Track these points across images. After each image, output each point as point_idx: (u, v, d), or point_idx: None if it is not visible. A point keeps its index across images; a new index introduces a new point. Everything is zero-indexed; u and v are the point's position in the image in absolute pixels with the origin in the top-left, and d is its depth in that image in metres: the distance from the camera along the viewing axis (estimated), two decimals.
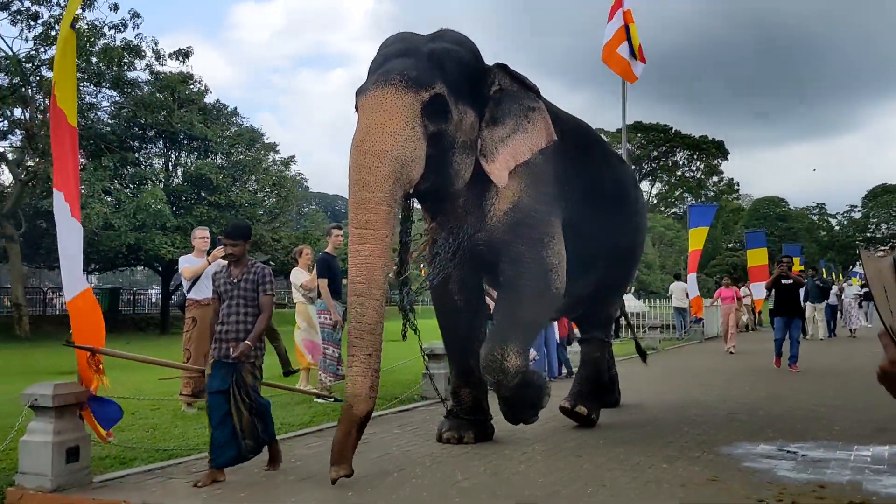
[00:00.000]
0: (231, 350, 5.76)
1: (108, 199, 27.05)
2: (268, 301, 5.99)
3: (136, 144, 32.36)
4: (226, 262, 6.43)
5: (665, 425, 8.16)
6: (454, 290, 6.96)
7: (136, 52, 30.05)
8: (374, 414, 6.08)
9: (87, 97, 29.77)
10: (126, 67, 30.02)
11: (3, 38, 28.86)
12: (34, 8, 28.74)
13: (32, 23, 28.71)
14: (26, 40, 28.57)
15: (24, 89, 27.58)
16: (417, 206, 6.81)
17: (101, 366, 5.99)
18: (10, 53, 28.38)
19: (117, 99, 31.38)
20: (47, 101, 21.37)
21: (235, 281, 5.99)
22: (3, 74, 28.49)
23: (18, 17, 28.74)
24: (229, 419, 5.69)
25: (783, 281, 14.11)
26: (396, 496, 5.37)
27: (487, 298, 8.10)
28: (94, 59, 28.26)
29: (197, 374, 8.72)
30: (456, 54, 5.86)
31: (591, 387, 8.08)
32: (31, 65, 27.72)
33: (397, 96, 5.39)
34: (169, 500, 5.39)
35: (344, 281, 10.43)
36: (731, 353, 18.02)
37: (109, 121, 31.36)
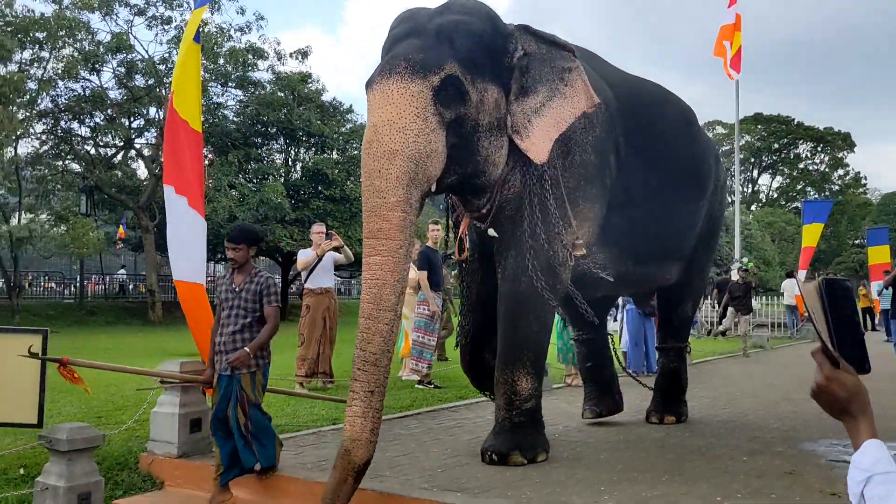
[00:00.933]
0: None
1: (234, 193, 27.92)
2: (273, 312, 5.51)
3: (259, 141, 33.31)
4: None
5: (754, 421, 7.97)
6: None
7: (260, 53, 31.13)
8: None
9: (215, 97, 30.89)
10: (250, 68, 31.05)
11: (139, 42, 30.48)
12: (167, 13, 30.10)
13: (166, 27, 30.14)
14: (160, 43, 29.96)
15: (158, 90, 28.71)
16: None
17: (75, 374, 5.70)
18: (146, 56, 29.85)
19: (242, 98, 32.36)
20: None
21: (237, 289, 5.54)
22: (139, 76, 30.03)
23: (153, 22, 30.26)
24: (230, 439, 5.39)
25: None
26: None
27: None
28: (220, 61, 29.41)
29: (312, 357, 9.38)
30: (467, 25, 4.99)
31: (673, 395, 7.56)
32: (164, 67, 28.88)
33: (404, 85, 4.67)
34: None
35: (444, 272, 10.92)
36: None
37: (234, 119, 32.42)
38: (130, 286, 35.99)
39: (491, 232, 5.71)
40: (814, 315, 1.59)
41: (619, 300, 12.77)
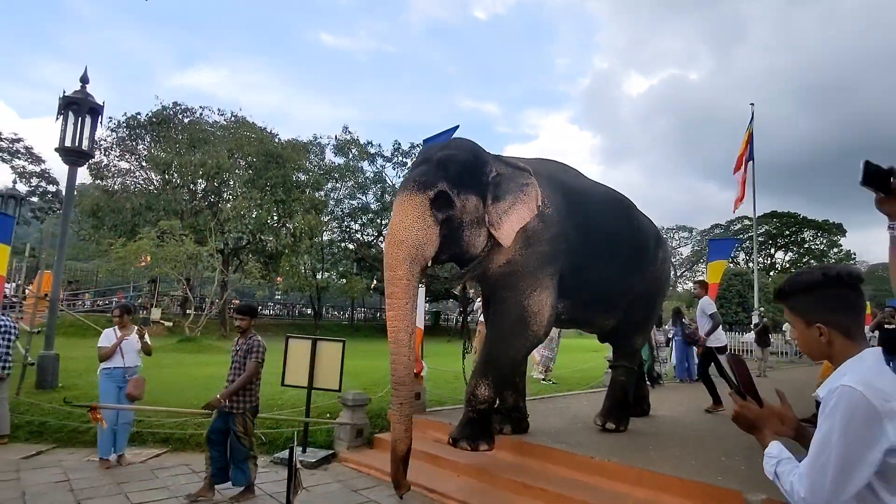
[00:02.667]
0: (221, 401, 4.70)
1: None
2: (251, 365, 4.80)
3: None
4: None
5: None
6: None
7: None
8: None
9: None
10: None
11: (388, 177, 31.96)
12: (404, 160, 31.48)
13: (403, 168, 31.12)
14: (399, 177, 30.77)
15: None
16: None
17: (98, 415, 5.16)
18: (392, 184, 30.75)
19: None
20: None
21: (237, 349, 4.97)
22: (388, 196, 30.11)
23: (396, 165, 31.90)
24: (223, 458, 4.78)
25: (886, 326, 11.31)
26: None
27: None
28: None
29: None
30: (456, 157, 4.65)
31: (618, 405, 6.12)
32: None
33: (411, 197, 4.42)
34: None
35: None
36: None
37: None
38: (378, 314, 37.22)
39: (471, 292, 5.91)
40: (729, 372, 1.77)
41: (670, 333, 12.27)
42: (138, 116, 24.48)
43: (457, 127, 7.95)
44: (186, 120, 25.31)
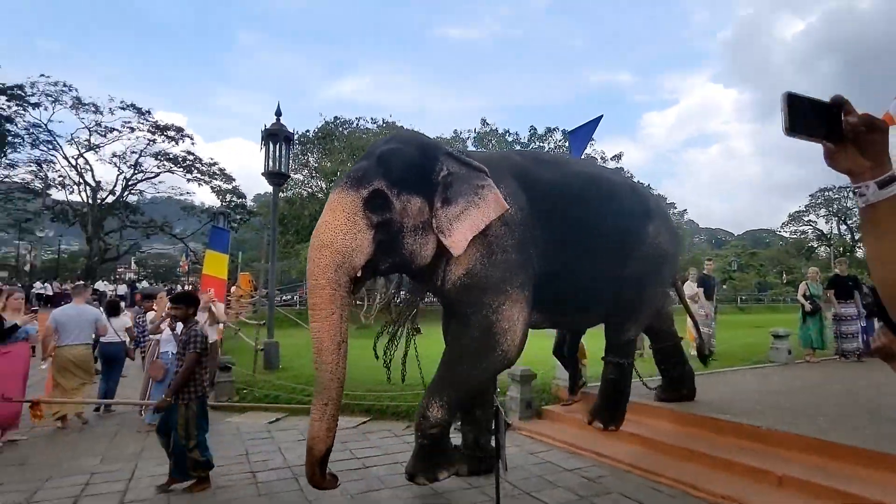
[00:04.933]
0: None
1: None
2: (190, 357, 4.43)
3: None
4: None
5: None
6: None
7: (592, 159, 31.67)
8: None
9: None
10: None
11: None
12: (542, 145, 31.84)
13: None
14: None
15: None
16: None
17: (39, 412, 5.48)
18: None
19: None
20: None
21: (178, 339, 4.72)
22: None
23: None
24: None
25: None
26: None
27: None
28: None
29: None
30: (400, 152, 4.05)
31: (607, 403, 5.60)
32: None
33: (342, 195, 3.85)
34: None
35: (716, 289, 10.46)
36: None
37: None
38: None
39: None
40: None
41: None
42: (307, 133, 27.36)
43: (600, 117, 7.74)
44: (346, 132, 27.72)
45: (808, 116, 0.97)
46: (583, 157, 8.82)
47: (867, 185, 0.96)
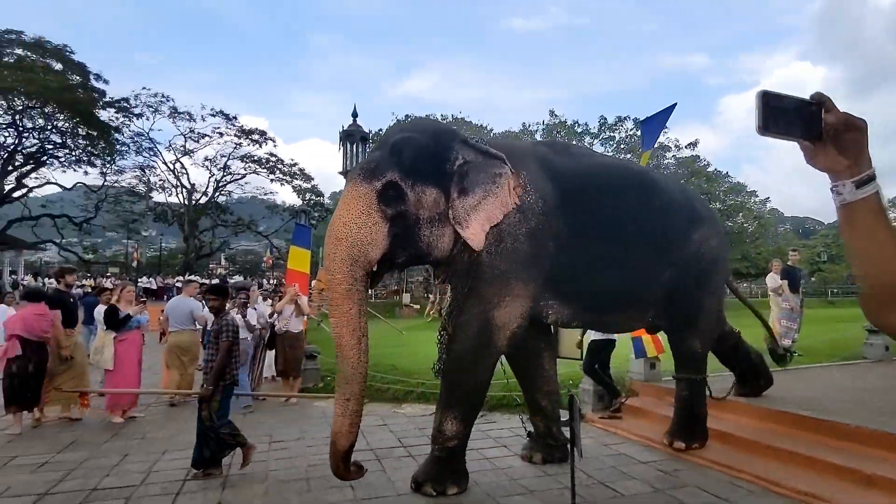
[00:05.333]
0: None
1: None
2: (223, 346, 4.55)
3: None
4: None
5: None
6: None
7: (666, 148, 30.63)
8: None
9: None
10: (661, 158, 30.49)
11: None
12: (612, 135, 30.96)
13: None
14: None
15: None
16: None
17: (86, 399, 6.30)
18: None
19: None
20: None
21: (212, 329, 4.82)
22: None
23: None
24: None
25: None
26: None
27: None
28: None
29: None
30: (414, 142, 3.91)
31: (684, 423, 5.13)
32: None
33: (356, 188, 3.77)
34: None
35: (802, 281, 9.91)
36: None
37: None
38: None
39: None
40: None
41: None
42: (380, 133, 28.11)
43: (674, 106, 7.49)
44: None
45: (786, 115, 0.94)
46: (655, 146, 8.58)
47: (844, 184, 0.94)
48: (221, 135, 36.20)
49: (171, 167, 37.25)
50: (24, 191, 32.25)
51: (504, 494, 4.24)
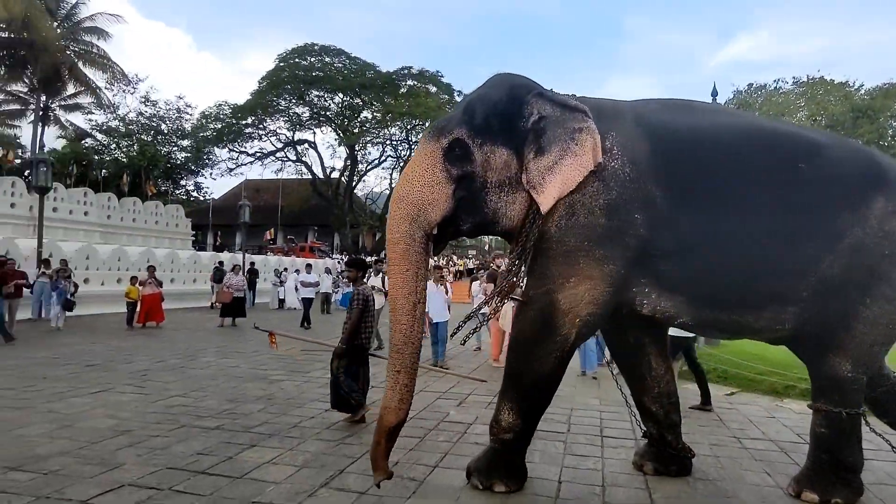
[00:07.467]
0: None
1: None
2: (354, 314, 5.00)
3: None
4: None
5: None
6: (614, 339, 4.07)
7: None
8: None
9: None
10: None
11: None
12: None
13: None
14: None
15: None
16: None
17: (273, 339, 6.17)
18: None
19: None
20: None
21: (351, 297, 5.29)
22: None
23: None
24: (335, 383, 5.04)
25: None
26: None
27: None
28: None
29: None
30: (486, 98, 3.42)
31: (821, 469, 3.44)
32: None
33: (423, 146, 3.43)
34: None
35: None
36: None
37: None
38: None
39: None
40: None
41: None
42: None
43: None
44: (760, 99, 24.98)
45: None
46: None
47: None
48: None
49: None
50: None
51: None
